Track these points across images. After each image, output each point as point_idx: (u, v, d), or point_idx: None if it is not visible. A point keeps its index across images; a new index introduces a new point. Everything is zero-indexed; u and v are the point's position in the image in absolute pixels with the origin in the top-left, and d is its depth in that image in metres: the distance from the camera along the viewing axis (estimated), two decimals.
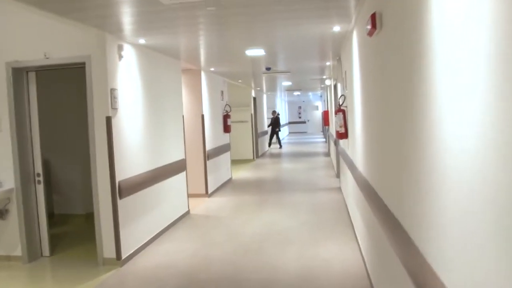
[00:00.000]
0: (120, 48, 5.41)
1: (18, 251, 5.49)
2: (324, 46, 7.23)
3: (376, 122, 3.53)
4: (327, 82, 13.81)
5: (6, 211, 5.51)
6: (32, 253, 5.54)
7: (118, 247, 5.25)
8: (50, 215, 7.53)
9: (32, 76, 5.55)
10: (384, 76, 3.04)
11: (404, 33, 2.40)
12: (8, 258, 5.52)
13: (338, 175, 10.88)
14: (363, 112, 4.46)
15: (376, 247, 3.86)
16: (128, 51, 5.68)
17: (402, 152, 2.55)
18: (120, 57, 5.42)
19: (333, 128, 12.75)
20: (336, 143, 10.90)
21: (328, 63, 9.53)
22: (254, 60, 8.34)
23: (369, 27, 3.34)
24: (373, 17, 3.19)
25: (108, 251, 5.27)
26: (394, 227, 2.74)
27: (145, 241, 5.93)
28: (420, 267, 2.08)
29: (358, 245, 5.48)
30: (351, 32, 5.49)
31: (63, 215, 7.90)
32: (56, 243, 6.11)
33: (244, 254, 5.56)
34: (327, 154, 16.66)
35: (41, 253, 5.66)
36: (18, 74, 5.43)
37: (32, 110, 5.58)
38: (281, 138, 22.79)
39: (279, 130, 21.68)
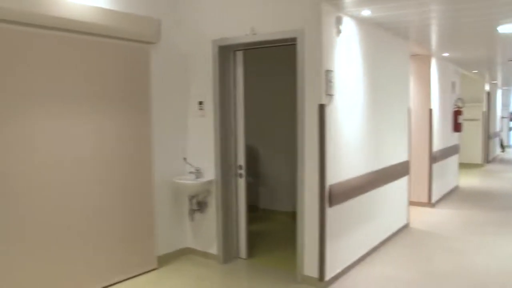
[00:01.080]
0: (338, 20, 4.37)
1: (213, 249, 5.06)
2: None
3: None
4: None
5: (205, 204, 5.08)
6: (228, 254, 5.04)
7: (322, 265, 4.29)
8: (254, 209, 7.15)
9: (239, 55, 4.91)
10: None
11: None
12: (205, 255, 5.14)
13: None
14: None
15: None
16: (348, 25, 4.62)
17: None
18: (338, 32, 4.39)
19: None
20: None
21: None
22: (506, 40, 6.51)
23: None
24: None
25: (309, 268, 4.36)
26: None
27: (353, 260, 4.86)
28: None
29: None
30: None
31: (268, 210, 7.45)
32: (254, 242, 5.55)
33: None
34: None
35: (238, 253, 5.12)
36: (225, 53, 4.84)
37: (238, 95, 4.96)
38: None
39: None
